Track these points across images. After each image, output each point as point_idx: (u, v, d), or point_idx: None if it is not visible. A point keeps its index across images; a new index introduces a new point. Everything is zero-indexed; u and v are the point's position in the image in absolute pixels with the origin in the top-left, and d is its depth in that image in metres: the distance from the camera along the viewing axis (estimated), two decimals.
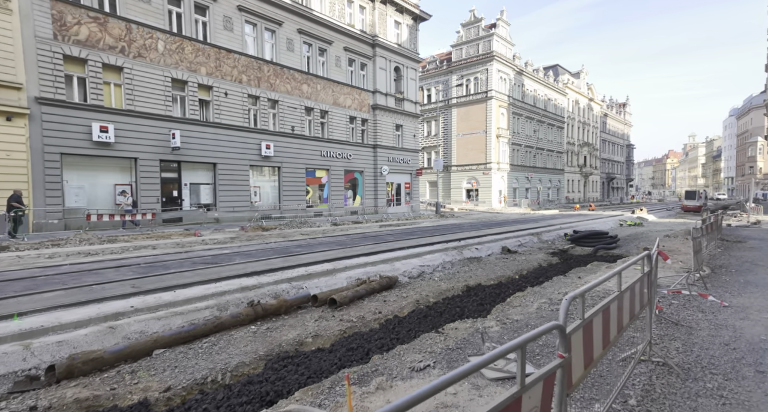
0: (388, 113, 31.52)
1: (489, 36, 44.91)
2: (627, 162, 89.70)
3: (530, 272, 11.84)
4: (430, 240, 15.08)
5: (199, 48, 19.25)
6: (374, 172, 30.65)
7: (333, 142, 27.12)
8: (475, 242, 14.97)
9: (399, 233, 17.99)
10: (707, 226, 10.50)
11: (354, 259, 10.18)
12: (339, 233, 18.09)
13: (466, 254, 13.08)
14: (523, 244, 16.48)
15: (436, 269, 11.12)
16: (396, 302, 7.68)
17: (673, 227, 24.87)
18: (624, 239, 18.78)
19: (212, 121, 20.01)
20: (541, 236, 18.26)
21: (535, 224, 24.04)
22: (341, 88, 27.69)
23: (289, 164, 24.04)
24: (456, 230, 20.05)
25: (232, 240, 14.78)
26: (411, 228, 21.10)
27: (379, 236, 16.43)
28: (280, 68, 23.48)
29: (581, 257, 14.44)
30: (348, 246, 13.08)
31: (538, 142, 54.03)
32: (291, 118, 24.25)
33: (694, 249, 7.21)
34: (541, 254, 14.65)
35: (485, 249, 14.29)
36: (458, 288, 9.14)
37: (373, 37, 29.66)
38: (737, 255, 10.77)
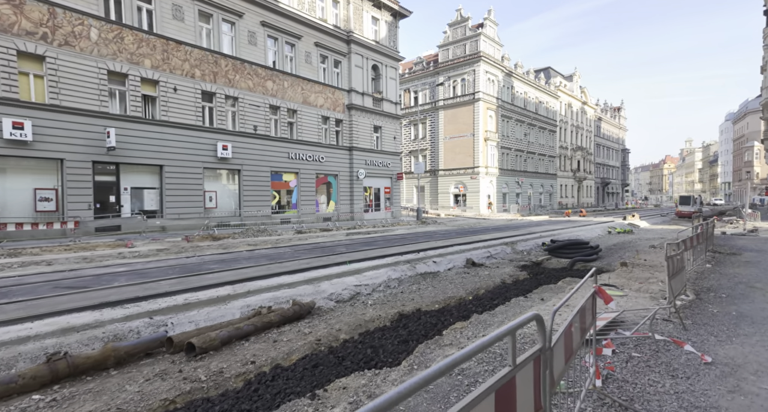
0: (366, 114, 29.84)
1: (476, 36, 43.40)
2: (622, 167, 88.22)
3: (489, 291, 10.08)
4: (387, 251, 13.32)
5: (143, 38, 17.54)
6: (350, 175, 28.92)
7: (303, 144, 25.40)
8: (437, 253, 13.21)
9: (359, 243, 16.22)
10: (694, 237, 8.76)
11: (269, 279, 8.39)
12: (291, 243, 16.32)
13: (421, 269, 11.31)
14: (493, 255, 14.73)
15: (377, 288, 9.34)
16: (290, 342, 5.88)
17: (664, 234, 23.17)
18: (608, 248, 17.05)
19: (159, 119, 18.27)
20: (516, 246, 16.50)
21: (516, 231, 22.31)
22: (312, 86, 26.01)
23: (250, 167, 22.28)
24: (425, 238, 18.30)
25: (159, 252, 12.98)
26: (378, 236, 19.34)
27: (331, 247, 14.65)
28: (240, 63, 21.79)
29: (554, 271, 12.69)
30: (282, 260, 11.30)
31: (529, 145, 52.43)
32: (253, 117, 22.53)
33: (670, 271, 5.47)
34: (509, 268, 12.89)
35: (446, 262, 12.53)
36: (388, 317, 7.37)
37: (348, 32, 28.04)
38: (730, 273, 9.02)
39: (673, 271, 5.65)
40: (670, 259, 5.58)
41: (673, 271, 5.71)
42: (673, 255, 5.76)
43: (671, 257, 5.62)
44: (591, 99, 71.41)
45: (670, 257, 5.58)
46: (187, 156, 19.30)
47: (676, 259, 5.96)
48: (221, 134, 20.75)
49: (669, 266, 5.43)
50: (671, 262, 5.59)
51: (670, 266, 5.48)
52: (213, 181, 20.92)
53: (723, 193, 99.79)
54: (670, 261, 5.55)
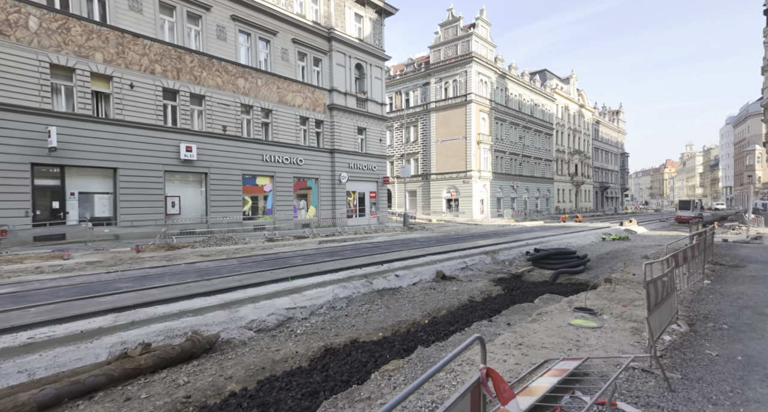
0: (349, 114, 28.48)
1: (467, 36, 42.15)
2: (621, 171, 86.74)
3: (451, 312, 8.62)
4: (349, 263, 11.86)
5: (93, 30, 16.20)
6: (332, 179, 27.51)
7: (279, 146, 24.00)
8: (404, 265, 11.75)
9: (324, 253, 14.76)
10: (688, 250, 7.29)
11: (173, 304, 6.90)
12: (252, 253, 14.88)
13: (378, 285, 9.84)
14: (470, 266, 13.26)
15: (316, 311, 7.87)
16: (148, 400, 4.37)
17: (662, 241, 21.69)
18: (598, 258, 15.56)
19: (113, 118, 16.89)
20: (498, 255, 15.03)
21: (502, 238, 20.84)
22: (289, 85, 24.66)
23: (219, 170, 20.88)
24: (401, 247, 16.84)
25: (89, 266, 11.53)
26: (351, 245, 17.89)
27: (288, 258, 13.19)
28: (208, 59, 20.45)
29: (533, 286, 11.22)
30: (214, 276, 9.83)
31: (524, 149, 51.02)
32: (223, 117, 21.15)
33: (651, 302, 4.01)
34: (483, 282, 11.42)
35: (411, 276, 11.07)
36: (309, 353, 5.89)
37: (329, 29, 26.75)
38: (733, 292, 7.55)
39: (655, 300, 4.19)
40: (652, 284, 4.12)
41: (657, 300, 4.24)
42: (656, 279, 4.29)
43: (653, 281, 4.16)
44: (588, 102, 70.10)
45: (652, 282, 4.12)
46: (146, 158, 17.90)
47: (661, 283, 4.50)
48: (185, 135, 19.36)
49: (649, 296, 3.97)
50: (653, 288, 4.13)
51: (650, 294, 4.02)
52: (176, 186, 19.49)
53: (724, 197, 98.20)
54: (652, 287, 4.09)
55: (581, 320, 5.50)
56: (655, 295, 4.22)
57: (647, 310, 3.90)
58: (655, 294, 4.20)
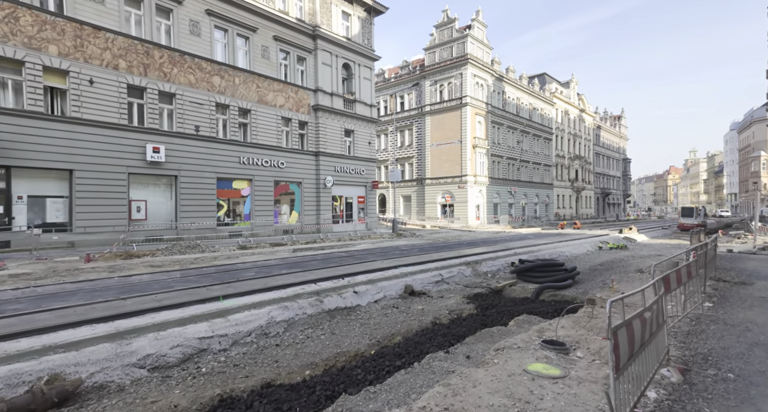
0: (335, 116, 27.31)
1: (462, 38, 41.05)
2: (624, 177, 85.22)
3: (407, 338, 7.33)
4: (305, 277, 10.57)
5: (47, 20, 15.10)
6: (316, 183, 26.29)
7: (258, 147, 22.83)
8: (368, 278, 10.45)
9: (289, 264, 13.50)
10: (683, 270, 5.98)
11: (42, 336, 5.58)
12: (213, 263, 13.65)
13: (331, 304, 8.55)
14: (445, 279, 11.95)
15: (241, 340, 6.57)
16: None
17: (662, 251, 20.33)
18: (591, 270, 14.22)
19: (70, 116, 15.75)
20: (480, 266, 13.72)
21: (492, 246, 19.52)
22: (270, 84, 23.53)
23: (191, 172, 19.69)
24: (378, 256, 15.56)
25: (8, 280, 10.27)
26: (326, 254, 16.62)
27: (242, 271, 11.93)
28: (180, 55, 19.34)
29: (512, 303, 9.90)
30: (138, 294, 8.57)
31: (522, 154, 49.71)
32: (195, 117, 20.01)
33: (619, 360, 2.72)
34: (456, 298, 10.11)
35: (374, 291, 9.78)
36: (194, 406, 4.59)
37: (314, 27, 25.66)
38: (740, 320, 6.23)
39: (629, 351, 2.90)
40: (624, 330, 2.84)
41: (632, 350, 2.96)
42: (630, 320, 3.00)
43: (626, 324, 2.87)
44: (589, 106, 68.83)
45: (625, 326, 2.84)
46: (107, 159, 16.73)
47: (640, 322, 3.21)
48: (152, 135, 18.20)
49: (617, 348, 2.69)
50: (626, 335, 2.85)
51: (620, 345, 2.73)
52: (142, 189, 18.31)
53: (729, 204, 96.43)
54: (624, 335, 2.81)
55: (541, 366, 4.19)
56: (629, 344, 2.94)
57: (612, 370, 2.61)
58: (628, 343, 2.92)
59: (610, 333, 2.65)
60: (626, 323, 2.95)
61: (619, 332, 2.78)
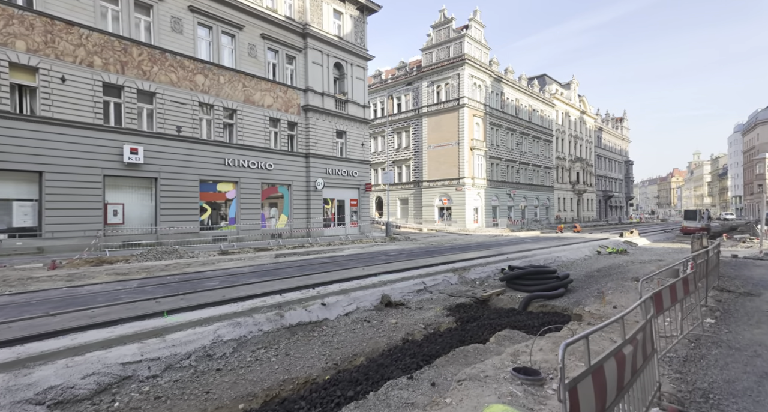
0: (326, 116, 26.57)
1: (460, 38, 40.31)
2: (626, 179, 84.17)
3: (371, 359, 6.51)
4: (272, 288, 9.77)
5: (14, 14, 14.42)
6: (306, 186, 25.52)
7: (244, 149, 22.09)
8: (339, 288, 9.63)
9: (261, 272, 12.71)
10: (679, 284, 5.14)
11: None
12: (185, 271, 12.89)
13: (293, 318, 7.73)
14: (428, 288, 11.12)
15: (177, 363, 5.73)
16: None
17: (664, 255, 19.43)
18: (587, 276, 13.34)
19: (40, 116, 15.04)
20: (468, 273, 12.88)
21: (485, 251, 18.68)
22: (258, 84, 22.81)
23: (172, 174, 18.95)
24: (364, 262, 14.75)
25: None
26: (309, 259, 15.82)
27: (207, 280, 11.12)
28: (160, 53, 18.65)
29: (497, 315, 9.06)
30: (68, 309, 7.79)
31: (522, 156, 48.85)
32: (177, 116, 19.29)
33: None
34: (436, 310, 9.28)
35: (346, 303, 8.95)
36: None
37: (304, 25, 24.97)
38: (746, 342, 5.37)
39: (601, 406, 2.09)
40: (590, 382, 2.02)
41: (602, 406, 2.15)
42: (598, 366, 2.19)
43: (590, 376, 2.06)
44: (590, 108, 67.93)
45: (590, 377, 2.02)
46: (80, 161, 16.01)
47: (615, 364, 2.40)
48: (130, 135, 17.48)
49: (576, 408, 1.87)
50: (591, 388, 2.03)
51: (581, 402, 1.92)
52: (119, 192, 17.57)
53: (734, 207, 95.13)
54: (582, 392, 1.99)
55: (501, 409, 3.36)
56: (597, 398, 2.12)
57: None
58: (596, 397, 2.10)
59: (562, 391, 1.85)
60: (592, 371, 2.14)
61: (581, 386, 1.97)
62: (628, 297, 8.32)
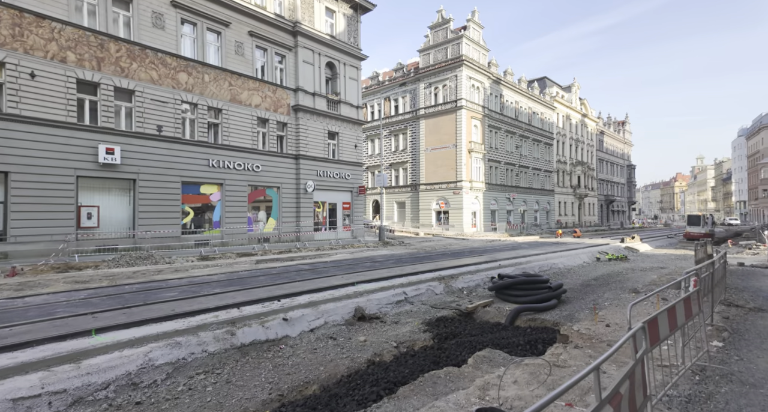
0: (318, 117, 25.78)
1: (458, 39, 39.56)
2: (628, 183, 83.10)
3: (326, 387, 5.65)
4: (232, 300, 8.93)
5: None
6: (296, 188, 24.70)
7: (230, 150, 21.30)
8: (308, 300, 8.76)
9: (230, 280, 11.88)
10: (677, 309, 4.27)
11: None
12: (154, 278, 12.05)
13: (246, 337, 6.85)
14: (410, 298, 10.24)
15: (89, 395, 4.82)
16: None
17: (667, 263, 18.50)
18: (583, 285, 12.43)
19: (6, 113, 14.28)
20: (455, 282, 12.01)
21: (478, 257, 17.81)
22: (245, 82, 22.06)
23: (151, 176, 18.16)
24: (346, 270, 13.90)
25: None
26: (284, 266, 14.98)
27: (167, 289, 10.29)
28: (140, 49, 17.91)
29: (477, 331, 8.18)
30: None
31: (522, 159, 47.96)
32: (158, 116, 18.52)
33: None
34: (414, 324, 8.41)
35: (313, 317, 8.08)
36: None
37: (295, 23, 24.23)
38: (761, 374, 4.48)
39: None
40: None
41: None
42: None
43: None
44: (592, 111, 67.04)
45: None
46: (51, 161, 15.23)
47: None
48: (106, 135, 16.71)
49: None
50: None
51: None
52: (94, 194, 16.77)
53: (738, 212, 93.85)
54: None
55: None
56: None
57: None
58: None
59: None
60: None
61: None
62: (623, 313, 7.42)
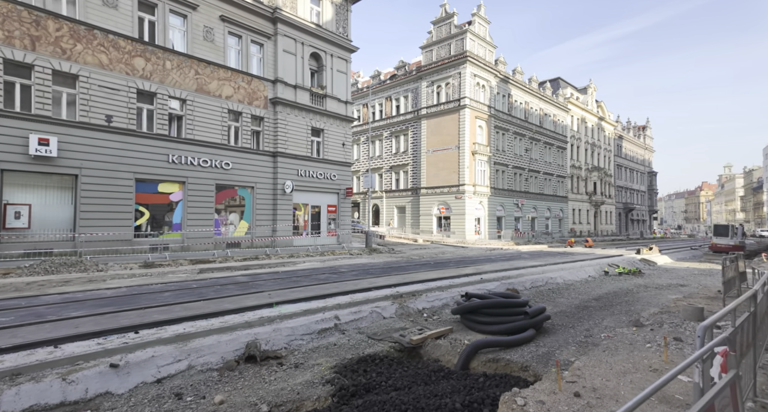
0: (300, 112, 23.66)
1: (461, 34, 37.17)
2: (649, 191, 78.83)
3: None
4: (76, 330, 6.69)
5: None
6: (273, 188, 22.55)
7: (195, 144, 19.29)
8: (175, 333, 6.48)
9: (124, 297, 9.67)
10: None
11: None
12: (21, 294, 9.91)
13: (24, 400, 4.55)
14: (342, 324, 7.83)
15: None
16: None
17: (688, 279, 15.63)
18: (578, 308, 9.78)
19: None
20: (414, 302, 9.54)
21: (462, 269, 15.28)
22: (215, 71, 20.09)
23: (97, 171, 16.21)
24: (292, 282, 11.58)
25: None
26: (232, 276, 12.75)
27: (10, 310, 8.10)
28: (87, 29, 16.07)
29: (409, 381, 5.68)
30: None
31: (532, 162, 45.05)
32: (107, 104, 16.61)
33: None
34: (317, 370, 5.99)
35: (171, 359, 5.77)
36: None
37: (274, 9, 22.24)
38: None
39: None
40: None
41: None
42: None
43: None
44: (609, 115, 63.57)
45: None
46: None
47: None
48: (40, 123, 14.82)
49: None
50: None
51: None
52: (25, 191, 14.86)
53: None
54: None
55: None
56: None
57: None
58: None
59: None
60: None
61: None
62: (614, 362, 4.84)
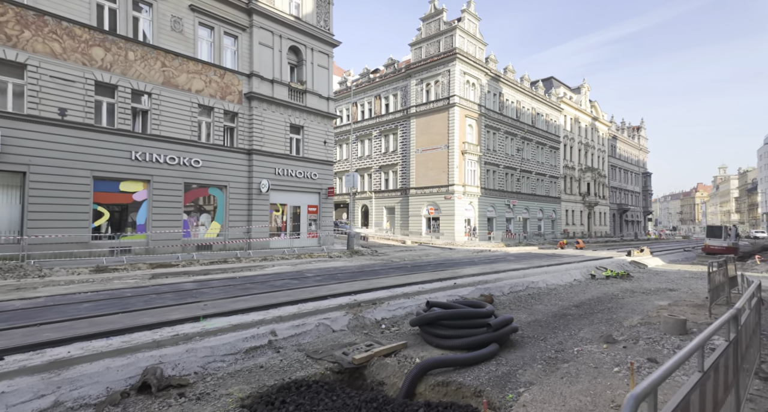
0: (277, 107, 22.60)
1: (451, 30, 36.25)
2: (644, 192, 78.17)
3: None
4: None
5: None
6: (248, 188, 21.46)
7: (161, 141, 18.19)
8: (48, 360, 5.37)
9: (28, 311, 8.56)
10: None
11: None
12: None
13: None
14: (278, 340, 6.82)
15: None
16: None
17: (678, 283, 14.68)
18: (555, 317, 8.74)
19: None
20: (373, 311, 8.52)
21: (439, 273, 14.26)
22: (183, 63, 19.01)
23: (49, 169, 15.08)
24: (240, 290, 10.50)
25: None
26: (178, 283, 11.65)
27: None
28: (36, 15, 14.97)
29: (341, 410, 4.64)
30: None
31: (523, 162, 44.15)
32: (61, 97, 15.50)
33: None
34: (225, 402, 4.90)
35: (31, 395, 4.64)
36: None
37: (249, 0, 21.21)
38: None
39: None
40: None
41: None
42: None
43: None
44: (603, 115, 62.84)
45: None
46: None
47: None
48: None
49: None
50: None
51: None
52: None
53: (765, 224, 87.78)
54: None
55: None
56: None
57: None
58: None
59: None
60: None
61: None
62: (570, 394, 3.82)
